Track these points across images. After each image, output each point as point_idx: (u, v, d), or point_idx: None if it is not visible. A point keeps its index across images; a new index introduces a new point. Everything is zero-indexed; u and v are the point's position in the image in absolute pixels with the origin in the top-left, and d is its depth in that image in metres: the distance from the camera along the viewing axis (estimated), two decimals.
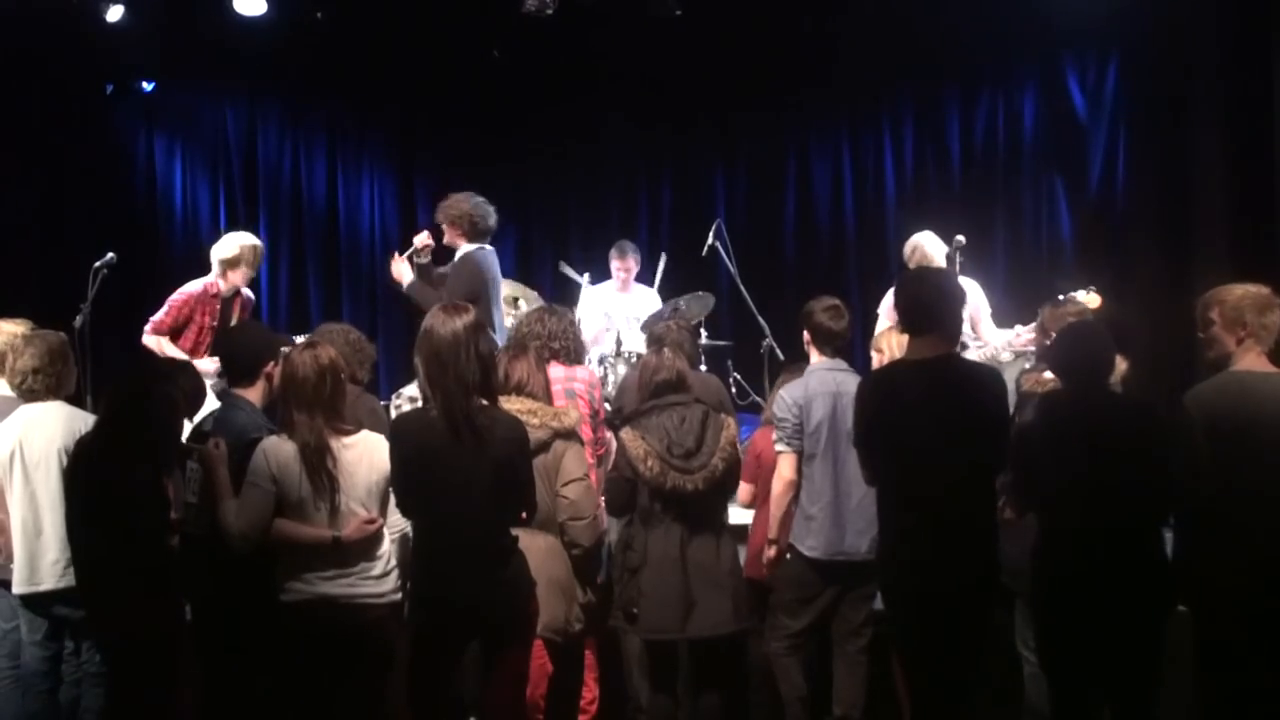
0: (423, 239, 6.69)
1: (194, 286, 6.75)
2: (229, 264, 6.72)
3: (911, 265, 6.97)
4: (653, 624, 4.59)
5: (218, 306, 6.75)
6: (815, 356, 5.02)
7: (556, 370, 5.08)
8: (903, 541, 4.02)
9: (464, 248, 6.53)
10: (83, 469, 4.37)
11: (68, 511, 4.47)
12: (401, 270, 6.62)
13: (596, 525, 4.54)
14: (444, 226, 6.58)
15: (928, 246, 7.01)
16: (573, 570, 4.49)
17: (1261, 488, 4.02)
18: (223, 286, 6.74)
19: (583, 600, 4.56)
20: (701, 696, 4.74)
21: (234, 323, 6.75)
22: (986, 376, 4.14)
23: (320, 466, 4.02)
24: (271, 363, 4.41)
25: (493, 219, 6.58)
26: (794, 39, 8.85)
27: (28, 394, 4.77)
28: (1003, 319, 7.08)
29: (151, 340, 6.63)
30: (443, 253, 6.78)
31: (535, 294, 7.87)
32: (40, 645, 4.75)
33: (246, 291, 7.01)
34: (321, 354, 4.12)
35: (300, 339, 6.65)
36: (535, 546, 4.21)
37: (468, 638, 3.97)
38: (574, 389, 5.11)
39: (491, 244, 6.62)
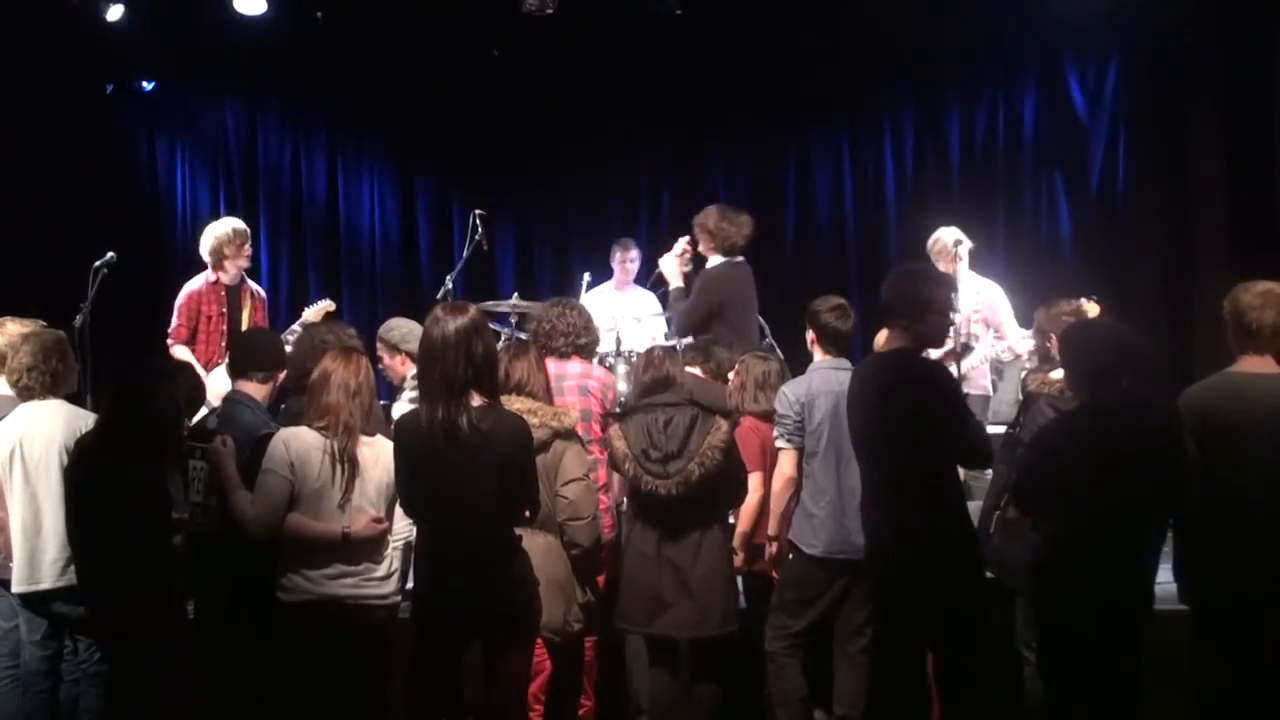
0: (683, 245, 6.67)
1: (193, 282, 6.87)
2: (216, 254, 6.87)
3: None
4: (620, 614, 4.66)
5: (224, 294, 6.83)
6: (819, 355, 5.03)
7: (574, 366, 5.10)
8: (883, 534, 4.11)
9: (711, 261, 6.53)
10: (84, 468, 4.38)
11: (68, 510, 4.47)
12: (672, 271, 6.63)
13: (595, 525, 4.54)
14: (699, 235, 6.57)
15: (944, 238, 7.02)
16: (572, 570, 4.50)
17: (1252, 488, 4.03)
18: (224, 278, 6.83)
19: (581, 600, 4.57)
20: (702, 696, 4.74)
21: (246, 314, 6.90)
22: (935, 372, 4.29)
23: (345, 454, 4.07)
24: (279, 373, 4.51)
25: (746, 231, 6.50)
26: (794, 38, 8.85)
27: (24, 392, 4.77)
28: None
29: (179, 352, 6.74)
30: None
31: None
32: (40, 644, 4.75)
33: (256, 287, 7.11)
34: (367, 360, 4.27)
35: (296, 326, 6.73)
36: (534, 546, 4.21)
37: (470, 637, 3.96)
38: (588, 386, 5.11)
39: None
